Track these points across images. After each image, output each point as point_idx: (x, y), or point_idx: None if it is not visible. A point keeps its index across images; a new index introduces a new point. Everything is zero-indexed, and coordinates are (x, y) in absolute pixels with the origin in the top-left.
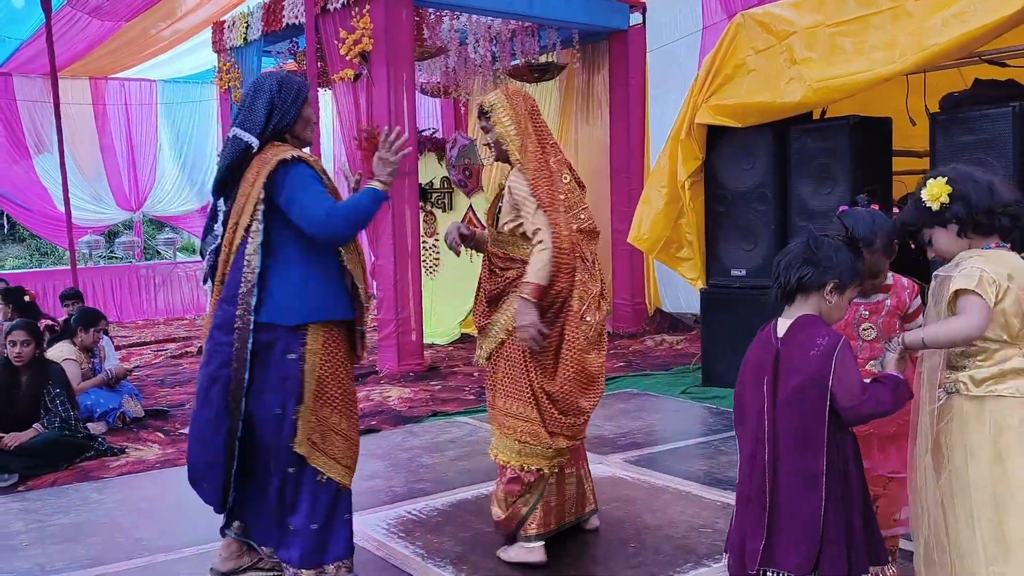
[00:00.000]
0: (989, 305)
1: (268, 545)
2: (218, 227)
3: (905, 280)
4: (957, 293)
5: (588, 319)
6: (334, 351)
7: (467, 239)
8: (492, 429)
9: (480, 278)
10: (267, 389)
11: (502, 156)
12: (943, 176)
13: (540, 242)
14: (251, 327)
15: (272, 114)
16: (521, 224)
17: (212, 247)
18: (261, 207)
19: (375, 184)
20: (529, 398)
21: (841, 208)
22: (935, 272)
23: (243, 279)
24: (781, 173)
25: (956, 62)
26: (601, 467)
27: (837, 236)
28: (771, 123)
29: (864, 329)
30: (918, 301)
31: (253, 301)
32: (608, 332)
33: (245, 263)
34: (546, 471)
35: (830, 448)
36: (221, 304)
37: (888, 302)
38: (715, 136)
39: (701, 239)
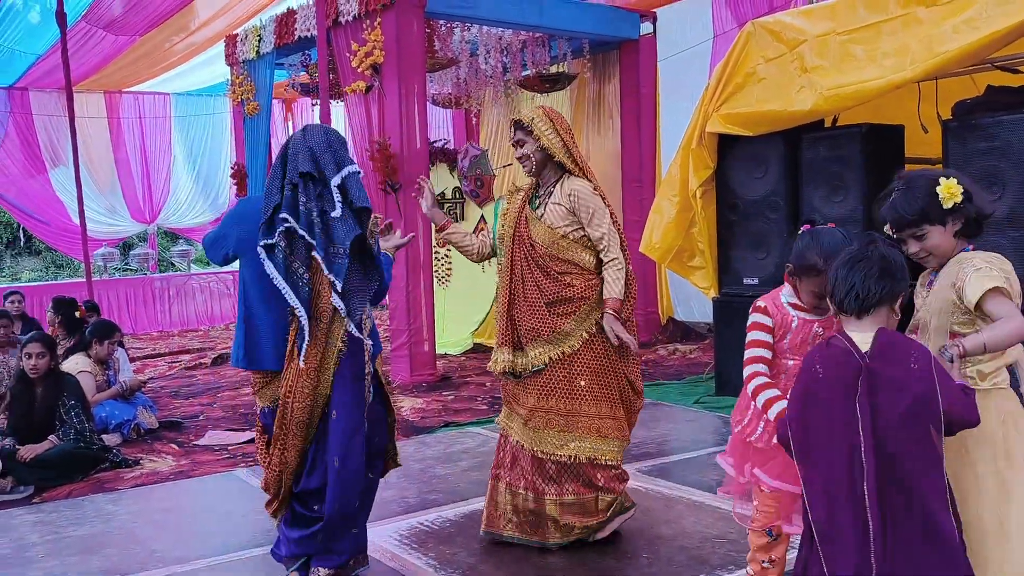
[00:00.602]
0: (1018, 301)
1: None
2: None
3: None
4: (989, 292)
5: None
6: None
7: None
8: (567, 434)
9: (512, 282)
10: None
11: (541, 168)
12: (953, 177)
13: (615, 258)
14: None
15: None
16: (582, 230)
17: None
18: None
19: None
20: (618, 401)
21: (804, 227)
22: (933, 272)
23: None
24: (793, 181)
25: (968, 69)
26: None
27: (891, 241)
28: (782, 131)
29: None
30: None
31: None
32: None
33: None
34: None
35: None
36: None
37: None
38: (726, 145)
39: (713, 248)
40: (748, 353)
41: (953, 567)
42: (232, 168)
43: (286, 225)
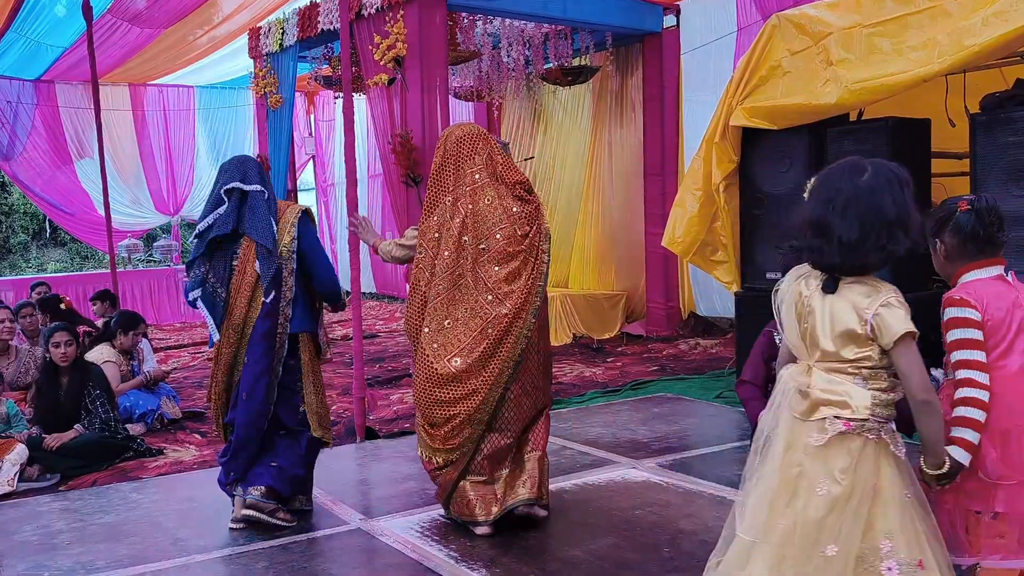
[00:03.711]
0: None
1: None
2: None
3: None
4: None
5: None
6: None
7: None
8: None
9: None
10: None
11: None
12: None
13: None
14: None
15: None
16: None
17: None
18: None
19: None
20: None
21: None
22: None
23: None
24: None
25: (997, 62)
26: (635, 471)
27: None
28: (807, 125)
29: None
30: None
31: None
32: (641, 335)
33: None
34: None
35: None
36: None
37: None
38: (750, 138)
39: (736, 242)
40: None
41: None
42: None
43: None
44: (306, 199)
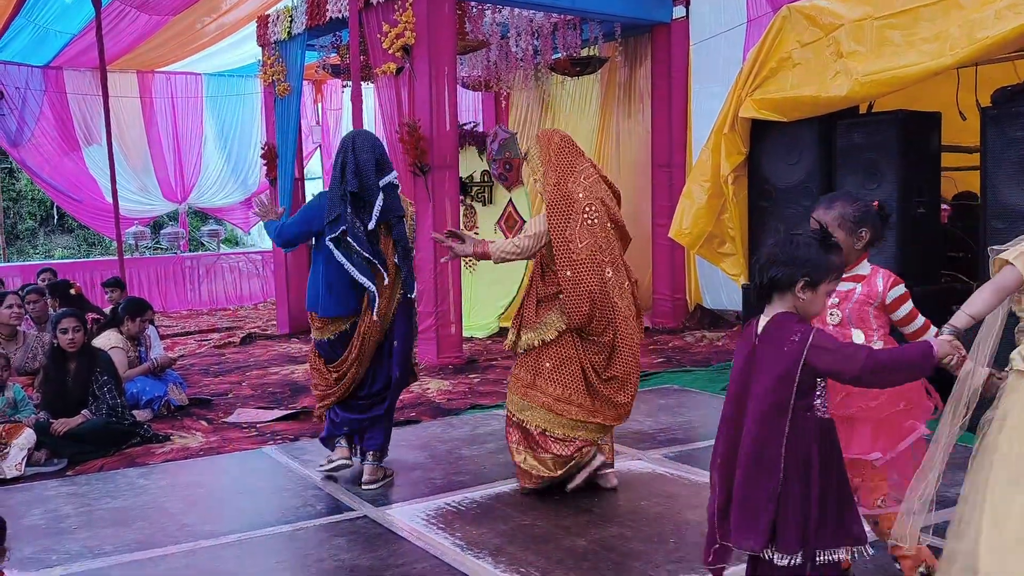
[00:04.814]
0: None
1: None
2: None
3: (883, 272)
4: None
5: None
6: None
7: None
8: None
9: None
10: None
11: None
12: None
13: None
14: None
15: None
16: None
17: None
18: None
19: None
20: (581, 387)
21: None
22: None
23: None
24: (827, 168)
25: (1009, 55)
26: (641, 463)
27: (808, 233)
28: (817, 117)
29: (830, 314)
30: (896, 292)
31: None
32: (648, 327)
33: None
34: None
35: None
36: None
37: (859, 290)
38: (759, 130)
39: (744, 234)
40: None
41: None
42: (263, 148)
43: (340, 229)
44: (312, 188)
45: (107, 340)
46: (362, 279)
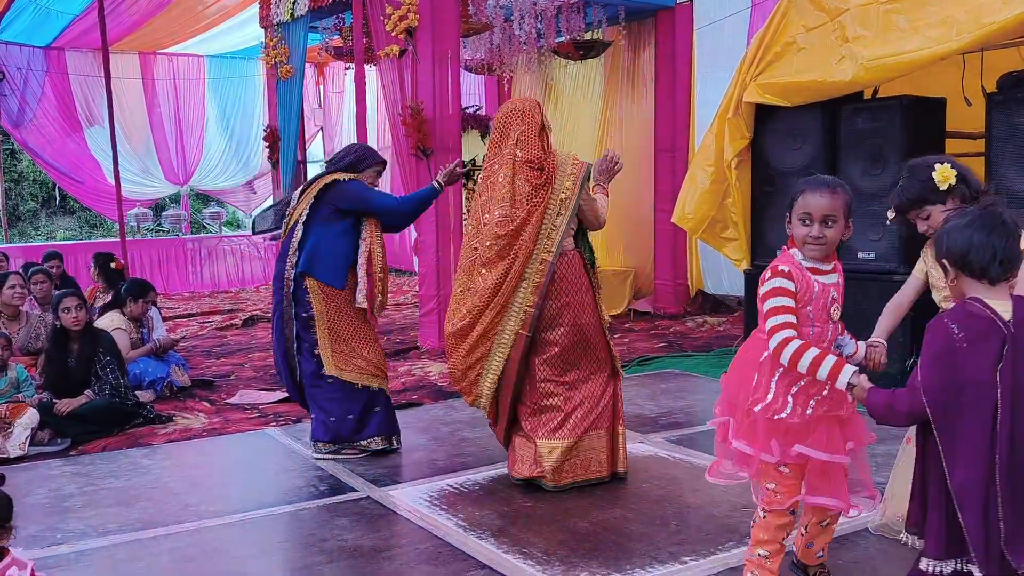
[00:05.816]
0: None
1: None
2: None
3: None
4: None
5: None
6: None
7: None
8: None
9: None
10: None
11: None
12: (947, 163)
13: None
14: None
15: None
16: None
17: None
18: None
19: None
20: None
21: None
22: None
23: None
24: (830, 154)
25: (1015, 40)
26: (643, 446)
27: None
28: (821, 103)
29: (833, 311)
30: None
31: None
32: (649, 312)
33: None
34: None
35: None
36: None
37: (840, 281)
38: (763, 115)
39: (747, 220)
40: (775, 320)
41: None
42: (264, 131)
43: None
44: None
45: (110, 321)
46: None
